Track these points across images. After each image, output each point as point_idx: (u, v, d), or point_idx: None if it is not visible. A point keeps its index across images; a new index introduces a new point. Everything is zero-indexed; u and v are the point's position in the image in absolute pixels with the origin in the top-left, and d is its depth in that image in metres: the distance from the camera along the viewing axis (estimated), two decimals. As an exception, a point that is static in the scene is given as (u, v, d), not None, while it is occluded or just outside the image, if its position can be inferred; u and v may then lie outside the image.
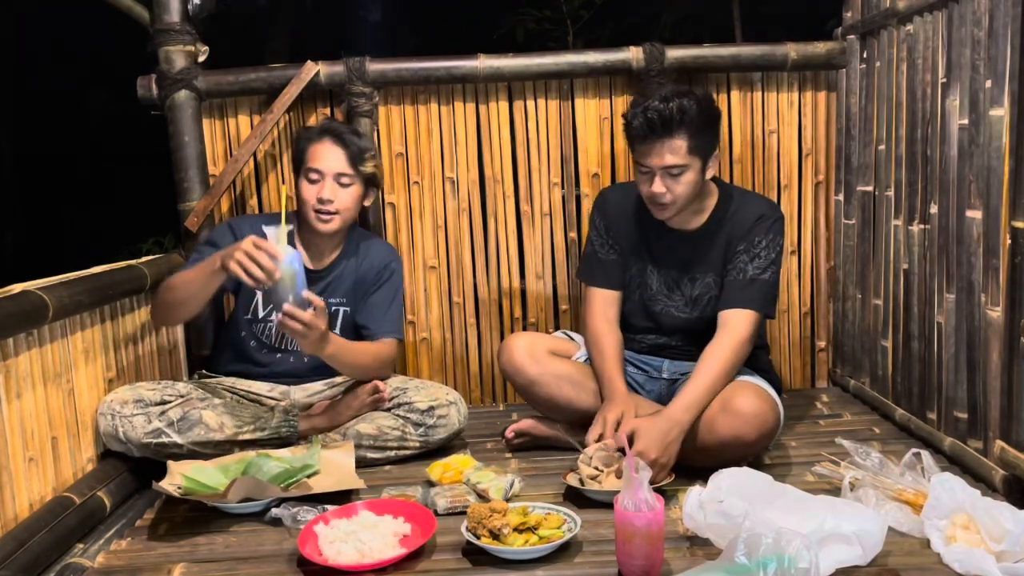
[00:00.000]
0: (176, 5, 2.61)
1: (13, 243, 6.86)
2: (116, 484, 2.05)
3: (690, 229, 2.20)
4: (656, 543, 1.55)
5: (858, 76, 2.68)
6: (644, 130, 2.01)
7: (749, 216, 2.15)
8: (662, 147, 2.01)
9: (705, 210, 2.19)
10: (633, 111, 2.05)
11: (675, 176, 2.03)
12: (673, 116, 1.98)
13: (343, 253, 2.39)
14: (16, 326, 1.76)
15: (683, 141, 2.00)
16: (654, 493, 1.57)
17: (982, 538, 1.53)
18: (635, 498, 1.55)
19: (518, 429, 2.34)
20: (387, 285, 2.40)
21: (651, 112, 1.99)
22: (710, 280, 2.20)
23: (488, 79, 2.75)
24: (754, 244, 2.13)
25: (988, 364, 1.93)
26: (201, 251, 2.29)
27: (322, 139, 2.29)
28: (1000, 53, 1.85)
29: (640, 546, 1.54)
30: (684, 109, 1.98)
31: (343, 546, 1.66)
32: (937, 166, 2.16)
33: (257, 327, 2.35)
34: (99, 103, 6.34)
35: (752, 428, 1.97)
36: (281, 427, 2.21)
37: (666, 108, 1.98)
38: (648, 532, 1.53)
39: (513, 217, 2.87)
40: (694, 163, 2.04)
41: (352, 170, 2.28)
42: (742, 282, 2.12)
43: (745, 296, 2.10)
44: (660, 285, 2.25)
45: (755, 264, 2.12)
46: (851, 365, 2.80)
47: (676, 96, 2.01)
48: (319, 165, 2.26)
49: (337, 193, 2.26)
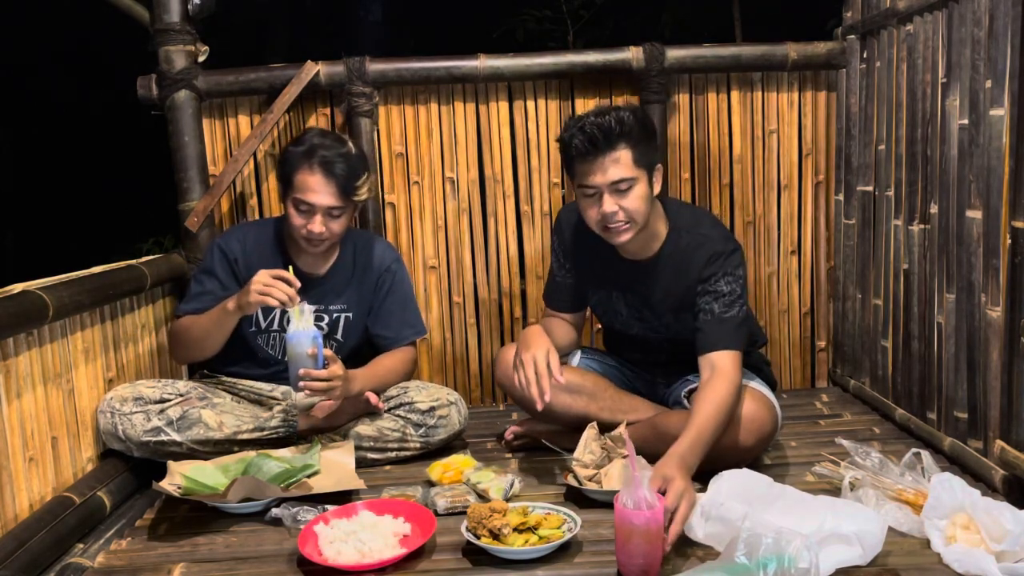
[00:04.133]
0: (176, 5, 2.60)
1: (14, 243, 6.86)
2: (116, 484, 2.05)
3: (643, 259, 2.13)
4: (655, 542, 1.54)
5: (858, 76, 2.68)
6: (585, 146, 1.92)
7: (700, 255, 2.06)
8: (605, 162, 1.92)
9: (655, 238, 2.11)
10: (568, 131, 1.97)
11: (623, 192, 1.94)
12: (612, 128, 1.91)
13: (340, 258, 2.36)
14: (16, 326, 1.76)
15: (627, 152, 1.93)
16: (655, 492, 1.57)
17: (982, 538, 1.53)
18: (635, 496, 1.54)
19: (517, 431, 2.34)
20: (395, 290, 2.39)
21: (589, 127, 1.92)
22: (671, 316, 2.15)
23: (488, 79, 2.76)
24: (713, 285, 2.04)
25: (988, 364, 1.93)
26: (201, 280, 2.31)
27: (312, 169, 2.15)
28: (1000, 53, 1.85)
29: (639, 545, 1.53)
30: (622, 120, 1.92)
31: (343, 546, 1.66)
32: (937, 166, 2.16)
33: (261, 338, 2.34)
34: (99, 103, 6.33)
35: (750, 433, 1.97)
36: (280, 427, 2.20)
37: (605, 121, 1.91)
38: (647, 531, 1.53)
39: (513, 217, 2.87)
40: (641, 176, 1.95)
41: (343, 202, 2.18)
42: (714, 323, 2.02)
43: (721, 339, 2.00)
44: (630, 310, 2.21)
45: (720, 303, 2.03)
46: (851, 365, 2.80)
47: (609, 110, 1.95)
48: (309, 199, 2.15)
49: (328, 224, 2.19)
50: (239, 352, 2.33)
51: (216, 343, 2.24)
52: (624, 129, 1.92)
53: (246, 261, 2.30)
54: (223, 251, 2.31)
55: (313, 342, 2.04)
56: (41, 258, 4.64)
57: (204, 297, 2.27)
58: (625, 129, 1.92)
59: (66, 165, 6.69)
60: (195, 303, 2.28)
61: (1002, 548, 1.49)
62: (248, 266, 2.28)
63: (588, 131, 1.92)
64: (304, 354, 2.03)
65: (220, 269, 2.29)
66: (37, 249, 6.43)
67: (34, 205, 6.80)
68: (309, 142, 2.19)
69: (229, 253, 2.30)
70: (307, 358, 2.03)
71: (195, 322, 2.23)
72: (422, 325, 2.46)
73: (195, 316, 2.25)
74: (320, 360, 2.05)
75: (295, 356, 2.05)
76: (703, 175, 2.85)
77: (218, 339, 2.22)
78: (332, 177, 2.16)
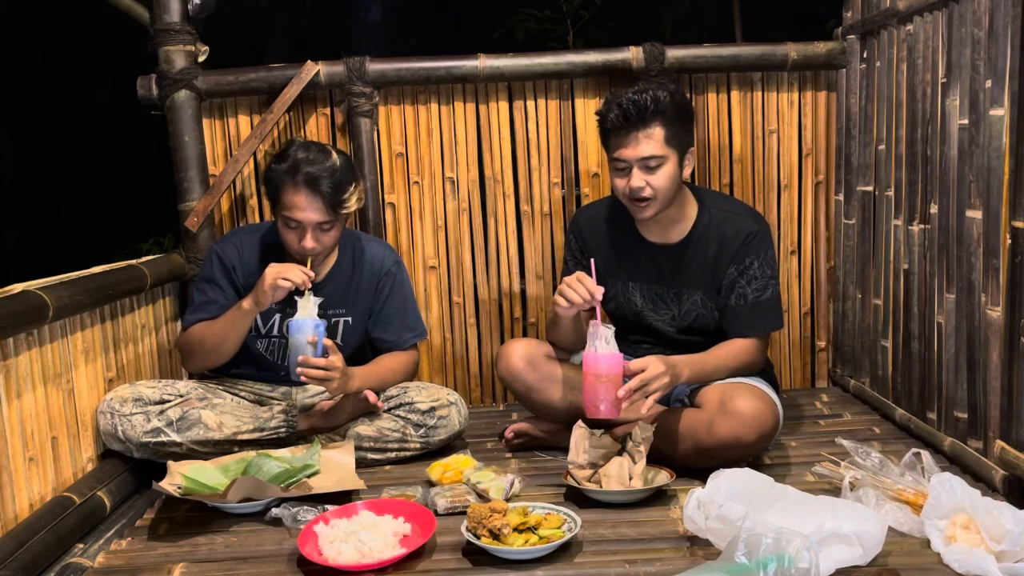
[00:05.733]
0: (176, 5, 2.61)
1: (15, 243, 6.86)
2: (116, 484, 2.05)
3: (670, 243, 2.18)
4: (608, 385, 1.87)
5: (858, 76, 2.68)
6: (620, 121, 2.01)
7: (735, 235, 2.13)
8: (638, 137, 2.01)
9: (684, 220, 2.17)
10: (607, 105, 2.06)
11: (653, 169, 2.03)
12: (648, 106, 1.99)
13: (337, 262, 2.34)
14: (16, 326, 1.76)
15: (659, 130, 2.01)
16: (612, 343, 1.90)
17: (982, 538, 1.53)
18: (595, 342, 1.87)
19: (517, 430, 2.34)
20: (394, 293, 2.38)
21: (626, 103, 2.00)
22: (698, 298, 2.18)
23: (488, 79, 2.76)
24: (748, 267, 2.11)
25: (988, 364, 1.93)
26: (203, 289, 2.30)
27: (297, 188, 2.11)
28: (1000, 53, 1.85)
29: (592, 384, 1.88)
30: (658, 99, 2.00)
31: (343, 546, 1.66)
32: (937, 166, 2.16)
33: (261, 343, 2.34)
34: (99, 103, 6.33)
35: (751, 430, 1.96)
36: (280, 427, 2.20)
37: (641, 98, 1.99)
38: (610, 374, 1.86)
39: (513, 217, 2.87)
40: (671, 155, 2.04)
41: (332, 215, 2.15)
42: (746, 308, 2.12)
43: (753, 324, 2.13)
44: (644, 301, 2.23)
45: (754, 287, 2.11)
46: (851, 365, 2.80)
47: (649, 88, 2.03)
48: (297, 216, 2.13)
49: (320, 238, 2.17)
50: (239, 356, 2.32)
51: (232, 346, 2.23)
52: (660, 107, 2.00)
53: (244, 268, 2.30)
54: (220, 258, 2.30)
55: (314, 330, 2.05)
56: (42, 258, 4.65)
57: (210, 306, 2.27)
58: (661, 107, 2.00)
59: (66, 165, 6.68)
60: (202, 312, 2.27)
61: (1002, 548, 1.49)
62: (246, 273, 2.29)
63: (624, 106, 2.00)
64: (304, 341, 2.05)
65: (220, 276, 2.29)
66: (38, 249, 6.43)
67: (35, 205, 6.80)
68: (292, 158, 2.15)
69: (227, 261, 2.30)
70: (307, 345, 2.04)
71: (209, 329, 2.22)
72: (423, 327, 2.46)
73: (208, 323, 2.24)
74: (320, 348, 2.06)
75: (295, 343, 2.06)
76: (703, 175, 2.85)
77: (234, 342, 2.22)
78: (318, 194, 2.11)
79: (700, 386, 2.11)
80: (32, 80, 6.45)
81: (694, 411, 2.06)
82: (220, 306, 2.26)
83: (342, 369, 2.12)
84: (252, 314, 2.16)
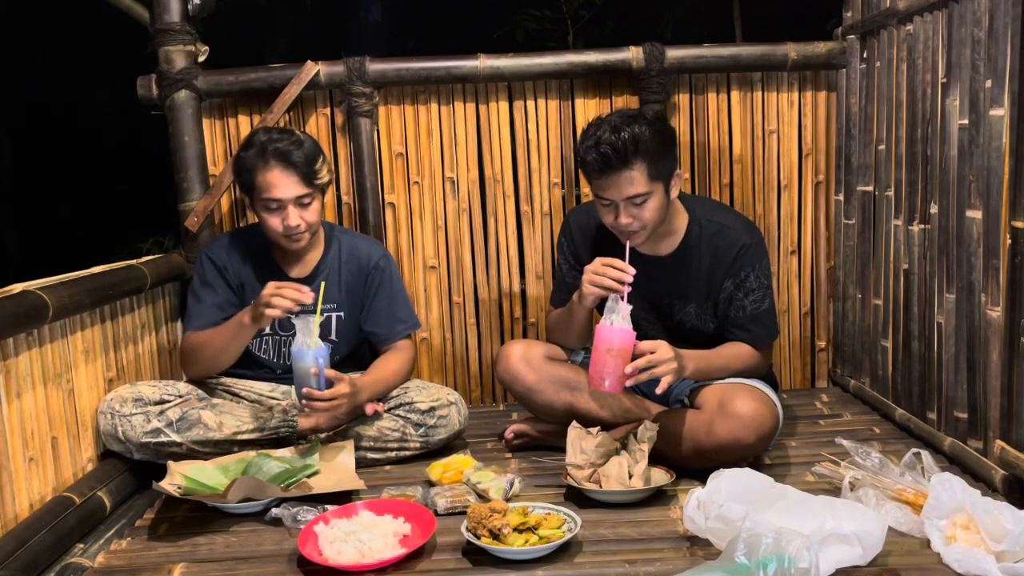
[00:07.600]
0: (176, 5, 2.61)
1: (15, 243, 6.86)
2: (116, 484, 2.05)
3: (662, 255, 2.15)
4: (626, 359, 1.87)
5: (858, 76, 2.68)
6: (599, 164, 1.92)
7: (728, 248, 2.09)
8: (620, 179, 1.92)
9: (674, 233, 2.14)
10: (585, 145, 1.96)
11: (639, 205, 1.96)
12: (627, 147, 1.90)
13: (324, 256, 2.34)
14: (16, 326, 1.76)
15: (641, 170, 1.92)
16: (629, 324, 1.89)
17: (982, 538, 1.53)
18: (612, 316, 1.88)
19: (517, 430, 2.34)
20: (384, 286, 2.38)
21: (603, 146, 1.90)
22: (691, 309, 2.17)
23: (488, 79, 2.76)
24: (744, 279, 2.10)
25: (988, 364, 1.93)
26: (198, 295, 2.30)
27: (269, 165, 2.14)
28: (1000, 53, 1.85)
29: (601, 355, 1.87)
30: (637, 138, 1.90)
31: (343, 546, 1.66)
32: (937, 166, 2.16)
33: (254, 343, 2.33)
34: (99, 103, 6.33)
35: (751, 431, 1.96)
36: (280, 427, 2.20)
37: (618, 140, 1.90)
38: (622, 349, 1.86)
39: (513, 217, 2.87)
40: (656, 189, 1.97)
41: (309, 188, 2.17)
42: (744, 319, 2.12)
43: (752, 334, 2.13)
44: (638, 310, 2.20)
45: (751, 298, 2.10)
46: (851, 365, 2.80)
47: (627, 124, 1.92)
48: (276, 195, 2.14)
49: (302, 215, 2.17)
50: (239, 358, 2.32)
51: (233, 356, 2.24)
52: (640, 147, 1.91)
53: (235, 269, 2.30)
54: (212, 260, 2.31)
55: (315, 361, 2.02)
56: (42, 258, 4.64)
57: (207, 311, 2.27)
58: (641, 147, 1.91)
59: (67, 165, 6.68)
60: (201, 319, 2.27)
61: (1002, 548, 1.49)
62: (237, 274, 2.30)
63: (602, 150, 1.91)
64: (308, 371, 2.02)
65: (213, 279, 2.29)
66: (38, 249, 6.43)
67: (35, 205, 6.80)
68: (258, 141, 2.18)
69: (218, 261, 2.30)
70: (310, 376, 2.02)
71: (212, 338, 2.22)
72: (415, 319, 2.45)
73: (210, 331, 2.23)
74: (322, 379, 2.03)
75: (298, 372, 2.04)
76: (703, 175, 2.85)
77: (235, 352, 2.23)
78: (291, 167, 2.14)
79: (700, 387, 2.11)
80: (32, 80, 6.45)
81: (693, 412, 2.06)
82: (219, 308, 2.26)
83: (349, 393, 2.10)
84: (253, 328, 2.14)
